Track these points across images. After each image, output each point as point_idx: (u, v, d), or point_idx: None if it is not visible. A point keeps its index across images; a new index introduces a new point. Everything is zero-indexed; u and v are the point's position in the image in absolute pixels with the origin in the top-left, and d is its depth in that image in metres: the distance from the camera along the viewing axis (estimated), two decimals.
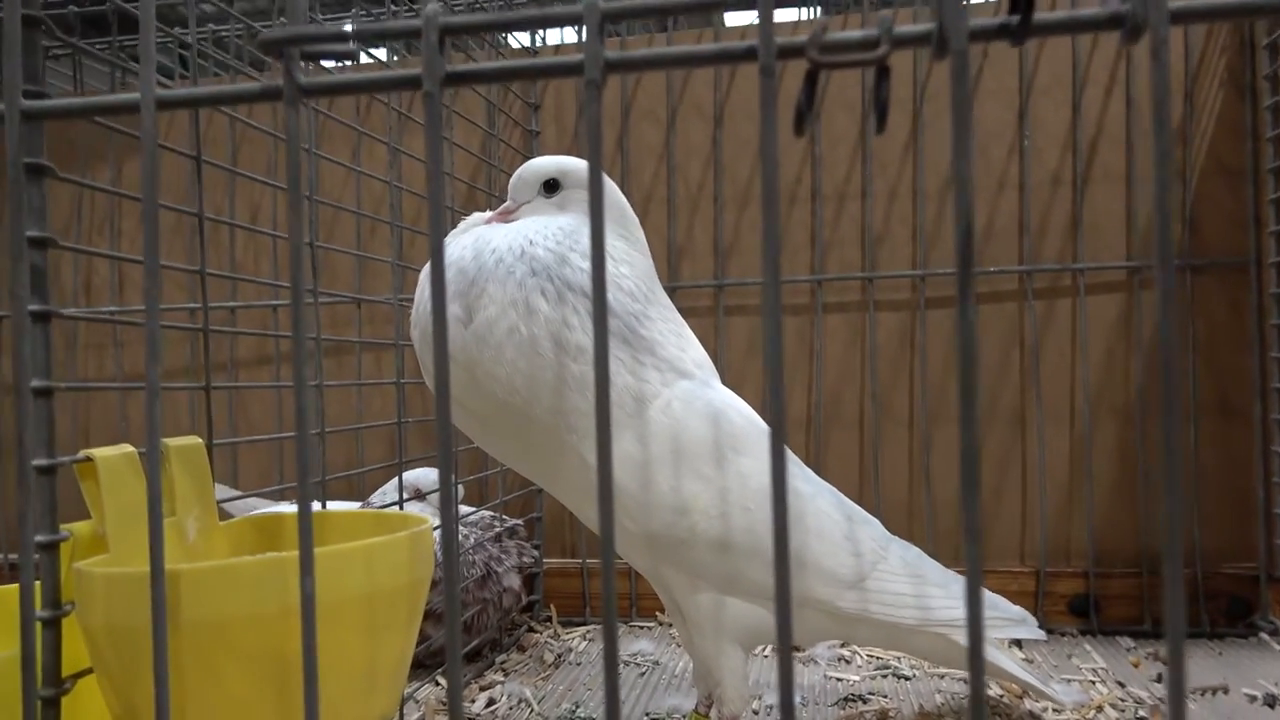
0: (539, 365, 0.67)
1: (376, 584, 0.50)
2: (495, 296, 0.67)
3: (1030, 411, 1.26)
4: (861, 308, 1.30)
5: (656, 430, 0.70)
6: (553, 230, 0.71)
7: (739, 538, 0.71)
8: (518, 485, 1.35)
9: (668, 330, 0.74)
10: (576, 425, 0.68)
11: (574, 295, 0.68)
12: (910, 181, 1.29)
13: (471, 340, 0.67)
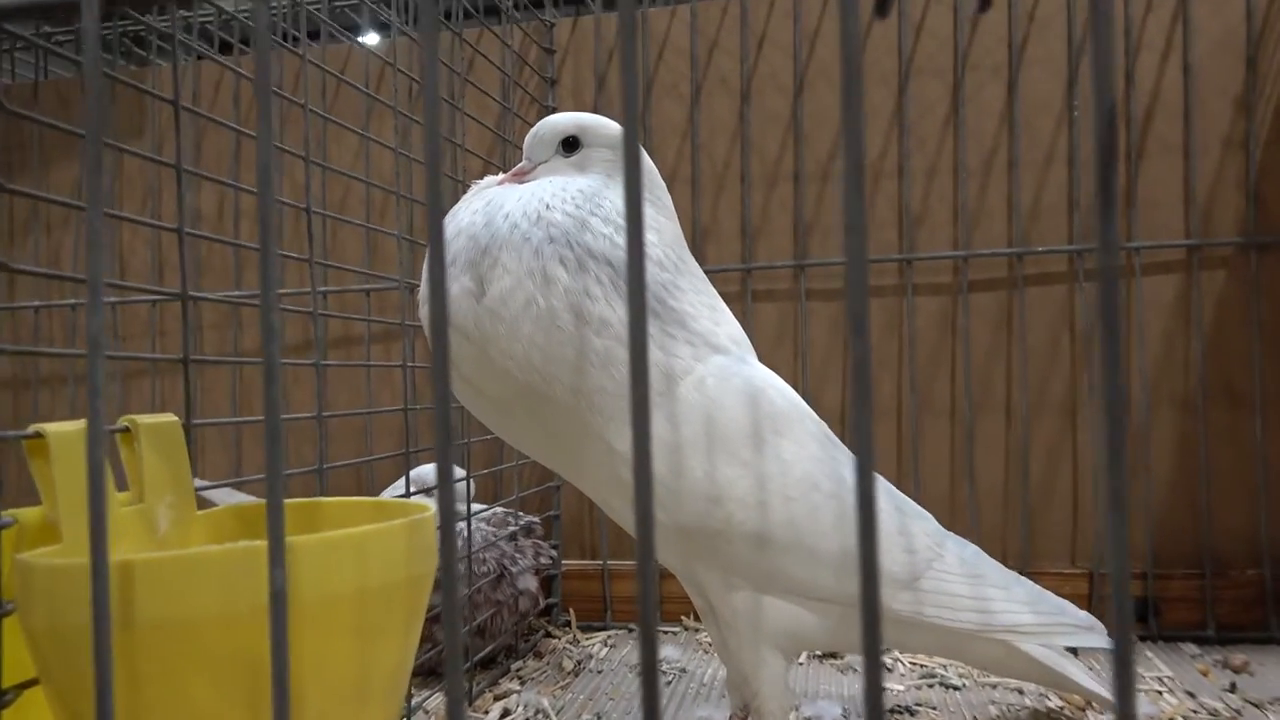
0: (558, 340, 0.61)
1: (369, 579, 0.43)
2: (510, 266, 0.62)
3: (1082, 401, 1.18)
4: (899, 292, 1.22)
5: (688, 409, 0.64)
6: (572, 192, 0.65)
7: (779, 530, 0.65)
8: (535, 480, 1.28)
9: (700, 302, 0.68)
10: (601, 406, 0.62)
11: (596, 263, 0.63)
12: (951, 157, 1.22)
13: (485, 314, 0.62)
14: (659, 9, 1.31)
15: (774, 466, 0.65)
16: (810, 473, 0.66)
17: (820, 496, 0.66)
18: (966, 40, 1.21)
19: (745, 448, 0.64)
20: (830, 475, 0.67)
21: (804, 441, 0.67)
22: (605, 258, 0.63)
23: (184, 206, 0.62)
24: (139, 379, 1.44)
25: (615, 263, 0.63)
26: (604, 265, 0.63)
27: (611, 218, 0.65)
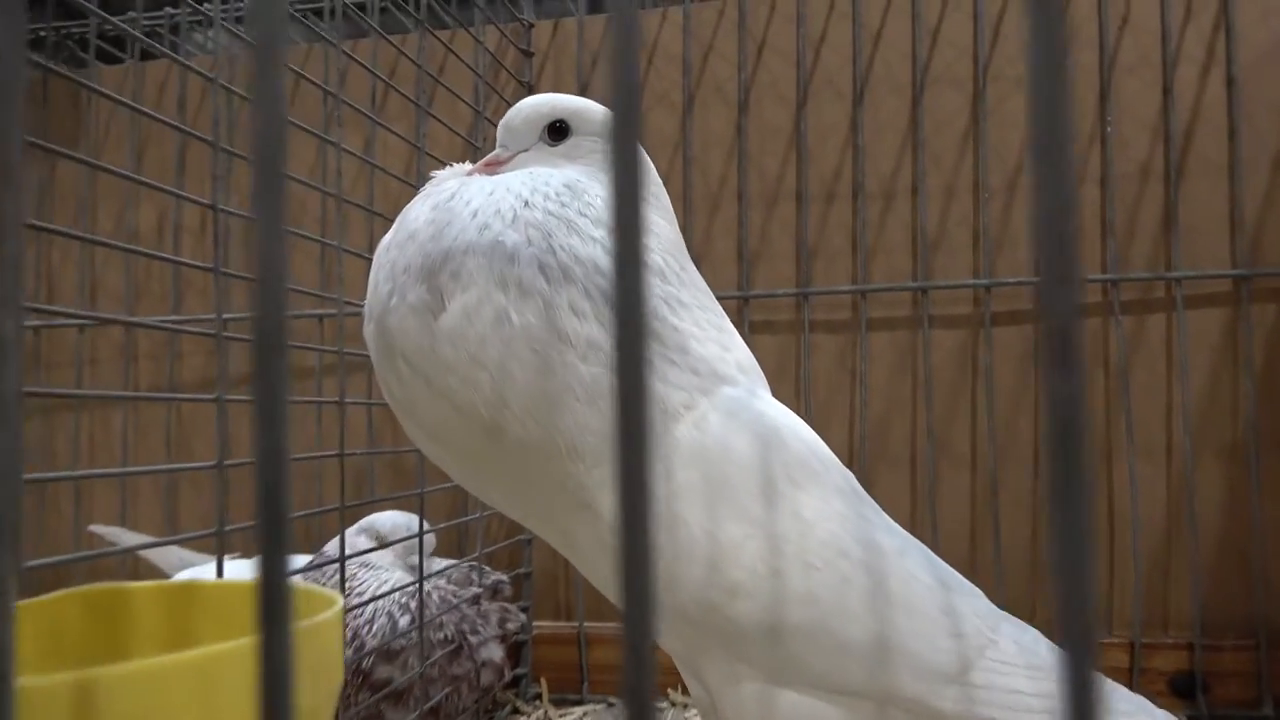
0: (534, 367, 0.50)
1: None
2: (476, 275, 0.50)
3: (1118, 447, 1.05)
4: (913, 324, 1.10)
5: (687, 452, 0.52)
6: (556, 186, 0.54)
7: (797, 607, 0.52)
8: (504, 534, 1.14)
9: (706, 321, 0.56)
10: (584, 450, 0.51)
11: (585, 271, 0.51)
12: (971, 175, 1.10)
13: (443, 336, 0.50)
14: (648, 11, 1.20)
15: (791, 525, 0.52)
16: (837, 535, 0.53)
17: (849, 565, 0.53)
18: (988, 48, 1.10)
19: (755, 501, 0.52)
20: (861, 539, 0.54)
21: (829, 496, 0.54)
22: (595, 265, 0.51)
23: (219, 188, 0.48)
24: (61, 414, 1.29)
25: (607, 271, 0.51)
26: (594, 274, 0.51)
27: (603, 218, 0.53)
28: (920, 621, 0.55)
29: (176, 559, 1.10)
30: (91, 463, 1.29)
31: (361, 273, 1.14)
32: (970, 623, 0.58)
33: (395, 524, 0.96)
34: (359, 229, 1.09)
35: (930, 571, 0.58)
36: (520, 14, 1.18)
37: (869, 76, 1.13)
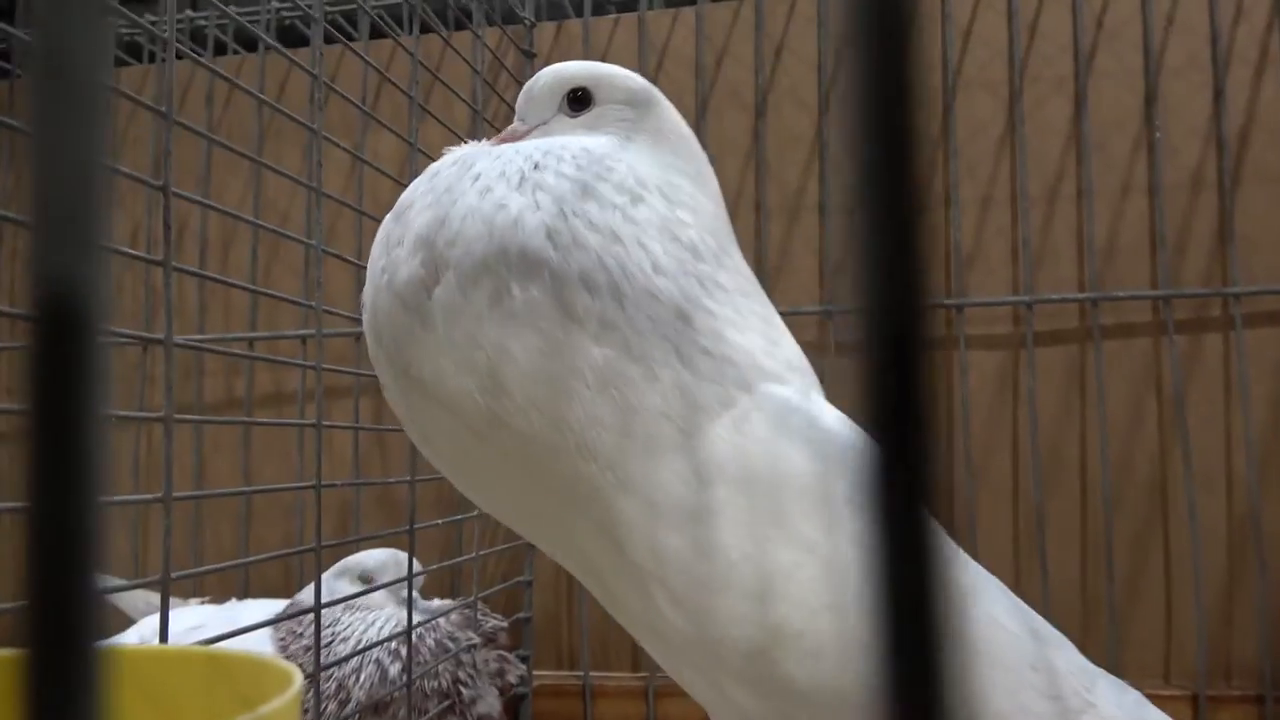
0: (537, 348, 0.43)
1: None
2: (474, 243, 0.44)
3: (1174, 478, 0.96)
4: (948, 344, 1.01)
5: (723, 459, 0.43)
6: (573, 150, 0.47)
7: (859, 653, 0.41)
8: (500, 575, 1.04)
9: (748, 309, 0.48)
10: (596, 448, 0.43)
11: (599, 238, 0.45)
12: (1008, 185, 1.02)
13: (437, 314, 0.44)
14: (658, 11, 1.12)
15: (853, 552, 0.43)
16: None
17: None
18: (1024, 48, 1.03)
19: (809, 523, 0.43)
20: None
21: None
22: (614, 234, 0.45)
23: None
24: None
25: (627, 240, 0.45)
26: (612, 243, 0.44)
27: (627, 184, 0.46)
28: (1009, 676, 0.46)
29: (143, 603, 1.00)
30: None
31: (349, 286, 1.05)
32: (1066, 681, 0.49)
33: (382, 562, 0.86)
34: (346, 239, 1.01)
35: (1018, 620, 0.49)
36: (522, 13, 1.11)
37: None
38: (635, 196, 0.46)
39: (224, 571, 0.93)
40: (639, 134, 0.50)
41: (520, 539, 1.05)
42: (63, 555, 0.12)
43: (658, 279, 0.45)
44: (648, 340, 0.44)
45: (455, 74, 1.02)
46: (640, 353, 0.44)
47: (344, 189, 1.04)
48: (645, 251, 0.45)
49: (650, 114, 0.51)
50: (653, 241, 0.45)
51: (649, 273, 0.44)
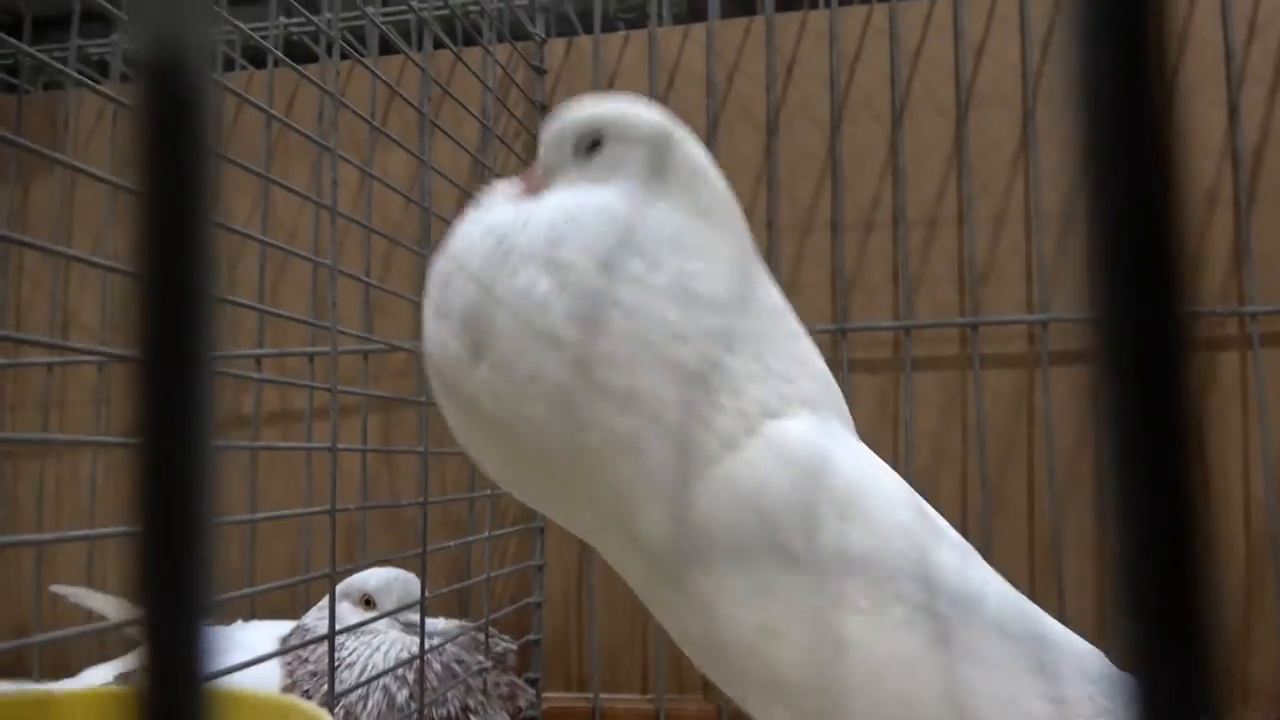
0: (572, 424, 0.47)
1: None
2: (506, 328, 0.47)
3: None
4: (962, 363, 1.00)
5: (718, 485, 0.47)
6: (590, 215, 0.49)
7: (836, 654, 0.46)
8: (508, 597, 1.03)
9: (767, 350, 0.49)
10: (628, 498, 0.48)
11: (619, 314, 0.47)
12: (1023, 201, 1.01)
13: (482, 387, 0.48)
14: (668, 28, 1.12)
15: (833, 564, 0.46)
16: (890, 576, 0.47)
17: (902, 610, 0.46)
18: (1037, 64, 1.02)
19: (793, 536, 0.47)
20: (925, 580, 0.47)
21: (884, 532, 0.47)
22: (632, 307, 0.47)
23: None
24: (25, 458, 1.18)
25: (645, 312, 0.47)
26: (629, 318, 0.47)
27: (645, 247, 0.48)
28: (996, 678, 0.46)
29: None
30: (58, 512, 1.18)
31: (357, 302, 1.05)
32: (1075, 687, 0.48)
33: (386, 583, 0.85)
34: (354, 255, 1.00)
35: (1020, 624, 0.49)
36: (533, 29, 1.10)
37: (909, 97, 1.05)
38: (651, 261, 0.47)
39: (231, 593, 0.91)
40: (651, 177, 0.51)
41: (530, 560, 1.04)
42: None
43: (676, 347, 0.47)
44: (667, 407, 0.47)
45: (465, 89, 1.02)
46: (661, 418, 0.47)
47: (353, 205, 1.03)
48: (664, 321, 0.47)
49: (661, 152, 0.51)
50: (670, 308, 0.47)
51: (668, 341, 0.47)
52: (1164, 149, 0.12)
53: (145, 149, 0.14)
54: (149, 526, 0.13)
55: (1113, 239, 0.12)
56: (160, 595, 0.13)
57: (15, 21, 1.20)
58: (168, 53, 0.13)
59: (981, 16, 1.04)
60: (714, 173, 0.53)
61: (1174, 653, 0.12)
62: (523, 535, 1.04)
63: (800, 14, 1.09)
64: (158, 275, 0.14)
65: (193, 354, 0.14)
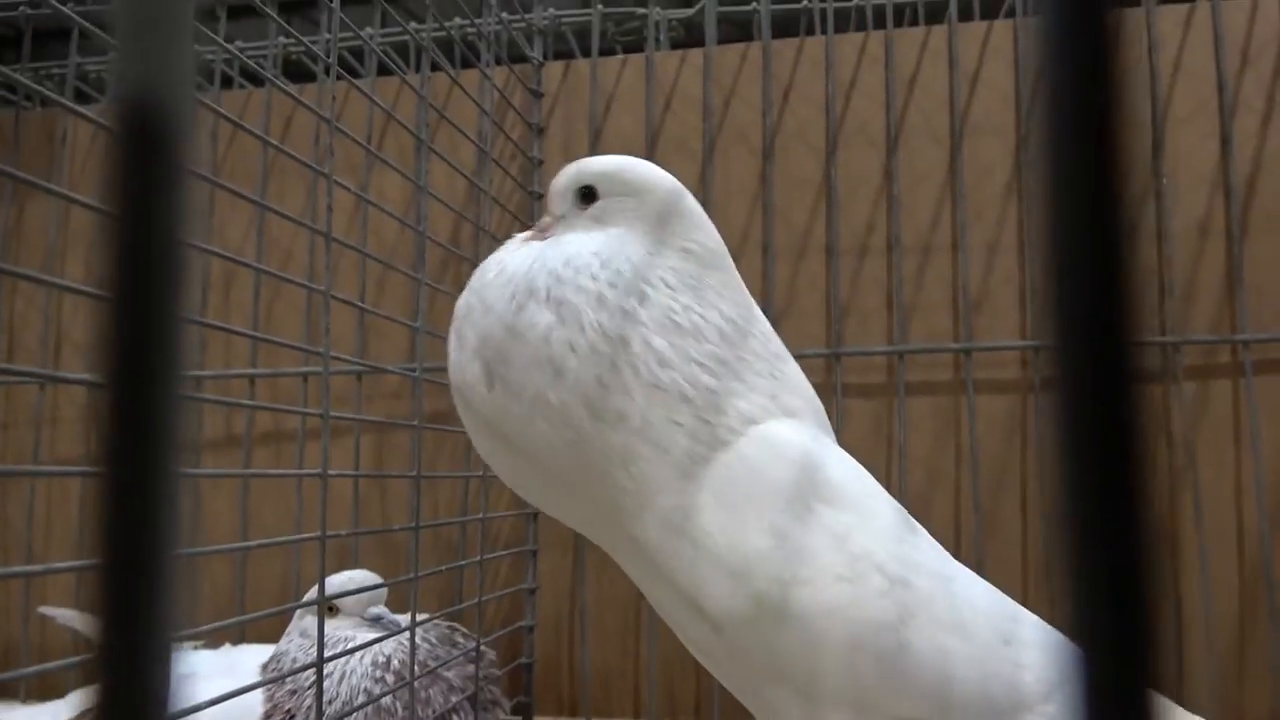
0: (573, 441, 0.53)
1: None
2: (514, 357, 0.54)
3: (1184, 526, 0.95)
4: (956, 388, 1.01)
5: (713, 475, 0.53)
6: (586, 258, 0.55)
7: (824, 620, 0.50)
8: (500, 620, 1.02)
9: (752, 372, 0.55)
10: (625, 506, 0.54)
11: (611, 346, 0.53)
12: (1015, 230, 1.02)
13: (494, 410, 0.55)
14: (665, 53, 1.13)
15: (822, 541, 0.52)
16: (871, 550, 0.52)
17: (882, 580, 0.51)
18: (1030, 94, 1.03)
19: (783, 516, 0.52)
20: (904, 560, 0.52)
21: (867, 517, 0.53)
22: (621, 337, 0.53)
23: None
24: (15, 479, 1.17)
25: (634, 342, 0.53)
26: (621, 347, 0.53)
27: (633, 286, 0.54)
28: (975, 646, 0.51)
29: None
30: (48, 533, 1.17)
31: (351, 324, 1.05)
32: (1046, 655, 0.52)
33: (340, 584, 0.82)
34: (350, 278, 1.00)
35: (991, 602, 0.54)
36: (530, 53, 1.11)
37: (903, 124, 1.05)
38: (641, 296, 0.54)
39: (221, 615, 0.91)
40: (640, 221, 0.57)
41: (522, 584, 1.03)
42: None
43: (663, 372, 0.53)
44: (656, 426, 0.52)
45: (461, 112, 1.02)
46: (650, 436, 0.52)
47: (347, 228, 1.03)
48: (651, 349, 0.53)
49: (649, 200, 0.58)
50: (657, 337, 0.53)
51: (654, 368, 0.52)
52: (1115, 186, 0.12)
53: (118, 176, 0.14)
54: (109, 556, 0.13)
55: (1063, 273, 0.13)
56: (119, 629, 0.13)
57: (16, 35, 1.21)
58: (144, 84, 0.14)
59: (975, 46, 1.05)
60: (701, 216, 0.59)
61: (1115, 625, 0.12)
62: (515, 558, 1.04)
63: (797, 40, 1.10)
64: (126, 300, 0.14)
65: (160, 379, 0.14)
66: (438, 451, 1.07)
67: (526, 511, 1.04)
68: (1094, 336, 0.12)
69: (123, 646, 0.13)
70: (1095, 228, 0.12)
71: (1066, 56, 0.13)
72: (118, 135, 0.14)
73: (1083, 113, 0.12)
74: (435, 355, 1.06)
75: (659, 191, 0.58)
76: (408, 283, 1.04)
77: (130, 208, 0.14)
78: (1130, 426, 0.13)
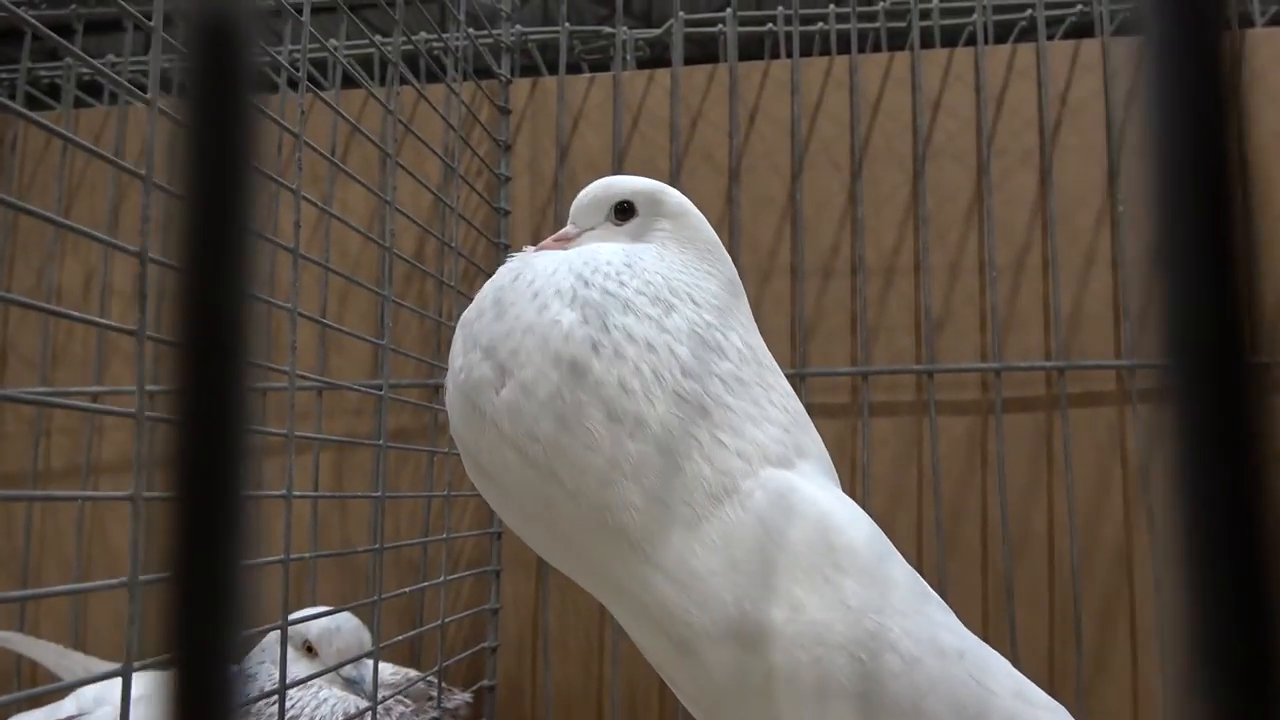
0: (585, 443, 0.52)
1: None
2: (533, 353, 0.53)
3: (1140, 549, 0.97)
4: (918, 409, 1.02)
5: (727, 531, 0.51)
6: (617, 265, 0.56)
7: (837, 703, 0.48)
8: (461, 642, 1.01)
9: (768, 400, 0.55)
10: (629, 527, 0.51)
11: (636, 349, 0.53)
12: (976, 253, 1.04)
13: (504, 410, 0.53)
14: (632, 72, 1.13)
15: (836, 615, 0.49)
16: (884, 627, 0.49)
17: (897, 660, 0.49)
18: (991, 121, 1.05)
19: (797, 585, 0.50)
20: (915, 635, 0.50)
21: (880, 587, 0.50)
22: (648, 344, 0.52)
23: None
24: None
25: (660, 348, 0.52)
26: (646, 351, 0.52)
27: (661, 295, 0.55)
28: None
29: (81, 670, 0.95)
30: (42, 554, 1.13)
31: (313, 340, 1.03)
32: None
33: (327, 630, 0.81)
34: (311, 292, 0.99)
35: (1001, 681, 0.52)
36: (498, 70, 1.11)
37: (868, 147, 1.07)
38: (668, 306, 0.54)
39: None
40: (673, 242, 0.59)
41: (485, 604, 1.02)
42: None
43: (685, 381, 0.52)
44: (674, 436, 0.51)
45: (427, 127, 1.01)
46: (668, 447, 0.51)
47: (309, 241, 1.02)
48: (675, 357, 0.52)
49: (683, 224, 0.60)
50: (681, 347, 0.53)
51: (678, 376, 0.52)
52: (1234, 215, 0.13)
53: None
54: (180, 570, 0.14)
55: (1184, 297, 0.13)
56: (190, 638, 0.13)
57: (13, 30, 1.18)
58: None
59: (938, 73, 1.07)
60: (722, 250, 0.62)
61: (1239, 638, 0.12)
62: (477, 579, 1.03)
63: (763, 63, 1.11)
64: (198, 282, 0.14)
65: (228, 377, 0.14)
66: (399, 469, 1.06)
67: (490, 531, 1.02)
68: (1213, 353, 0.13)
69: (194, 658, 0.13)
70: (1212, 249, 0.13)
71: (1176, 78, 0.13)
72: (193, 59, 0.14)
73: (1194, 132, 0.13)
74: (398, 372, 1.05)
75: (692, 218, 0.61)
76: (370, 296, 1.03)
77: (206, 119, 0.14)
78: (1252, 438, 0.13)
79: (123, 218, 1.15)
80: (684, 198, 0.62)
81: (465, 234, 1.05)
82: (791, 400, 0.57)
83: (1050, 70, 1.04)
